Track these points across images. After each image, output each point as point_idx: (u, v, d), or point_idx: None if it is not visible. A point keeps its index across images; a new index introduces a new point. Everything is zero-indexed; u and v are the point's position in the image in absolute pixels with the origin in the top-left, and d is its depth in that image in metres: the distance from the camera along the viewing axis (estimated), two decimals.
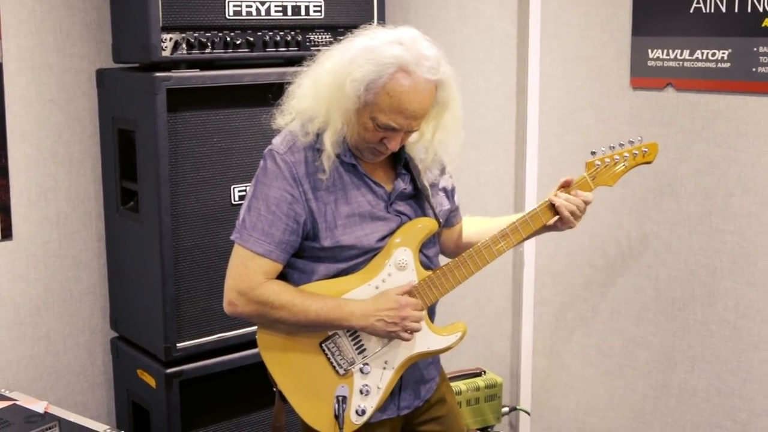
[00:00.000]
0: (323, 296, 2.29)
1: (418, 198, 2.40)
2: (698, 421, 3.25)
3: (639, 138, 2.53)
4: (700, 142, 3.13)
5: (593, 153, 2.49)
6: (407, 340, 2.31)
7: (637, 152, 2.51)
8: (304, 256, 2.34)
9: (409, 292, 2.32)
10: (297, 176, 2.26)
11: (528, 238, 2.48)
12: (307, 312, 2.27)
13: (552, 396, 3.74)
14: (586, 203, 2.46)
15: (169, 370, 3.18)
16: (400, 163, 2.38)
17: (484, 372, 3.64)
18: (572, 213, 2.43)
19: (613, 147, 2.50)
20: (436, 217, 2.39)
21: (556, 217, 2.45)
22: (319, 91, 2.25)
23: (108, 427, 3.01)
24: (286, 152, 2.28)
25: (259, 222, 2.27)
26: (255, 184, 2.31)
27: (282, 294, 2.27)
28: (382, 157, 2.32)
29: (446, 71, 2.23)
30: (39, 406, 3.04)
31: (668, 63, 3.18)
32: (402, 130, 2.22)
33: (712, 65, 3.07)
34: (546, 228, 2.49)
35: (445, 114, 2.29)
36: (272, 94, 2.42)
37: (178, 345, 3.19)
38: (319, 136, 2.27)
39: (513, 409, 3.78)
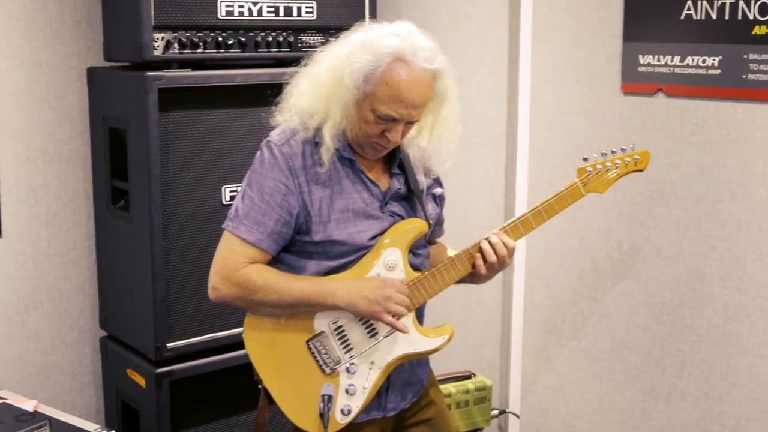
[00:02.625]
0: (304, 276, 2.29)
1: (410, 200, 2.41)
2: (687, 426, 3.26)
3: (631, 146, 2.54)
4: (690, 148, 3.14)
5: (585, 159, 2.49)
6: (390, 324, 2.28)
7: (629, 160, 2.52)
8: (294, 251, 2.33)
9: (392, 283, 2.30)
10: (293, 168, 2.27)
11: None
12: (290, 289, 2.26)
13: (541, 399, 3.75)
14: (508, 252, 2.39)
15: (159, 370, 3.18)
16: (395, 162, 2.38)
17: (474, 375, 3.65)
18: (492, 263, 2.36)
19: (605, 154, 2.50)
20: (426, 218, 2.40)
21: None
22: (318, 87, 2.26)
23: (98, 426, 3.00)
24: (283, 144, 2.29)
25: (252, 211, 2.27)
26: (250, 174, 2.31)
27: (265, 273, 2.27)
28: (384, 152, 2.32)
29: (443, 62, 2.25)
30: (28, 405, 3.04)
31: (659, 69, 3.19)
32: (402, 120, 2.23)
33: (703, 72, 3.08)
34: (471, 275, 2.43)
35: (444, 107, 2.31)
36: (271, 92, 2.41)
37: (168, 345, 3.18)
38: (318, 131, 2.28)
39: (502, 412, 3.79)
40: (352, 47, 2.23)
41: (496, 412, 3.72)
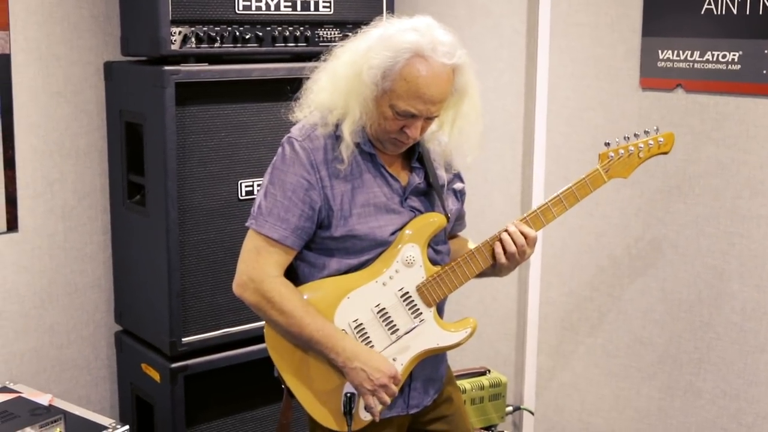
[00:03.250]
0: (324, 320, 2.28)
1: (429, 194, 2.40)
2: (703, 424, 3.24)
3: (655, 128, 2.49)
4: (710, 144, 3.12)
5: (607, 144, 2.44)
6: (370, 406, 2.28)
7: (653, 143, 2.46)
8: (315, 248, 2.33)
9: (395, 377, 2.30)
10: (314, 163, 2.26)
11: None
12: (301, 328, 2.26)
13: (556, 396, 3.73)
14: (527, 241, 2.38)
15: (174, 365, 3.18)
16: (414, 157, 2.37)
17: (489, 371, 3.64)
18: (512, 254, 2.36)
19: (628, 138, 2.45)
20: (446, 213, 2.38)
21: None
22: (337, 83, 2.25)
23: (113, 421, 3.01)
24: (304, 139, 2.28)
25: (275, 208, 2.26)
26: (272, 170, 2.31)
27: (287, 300, 2.27)
28: (404, 147, 2.31)
29: (463, 57, 2.23)
30: (43, 399, 3.04)
31: (678, 64, 3.17)
32: (421, 116, 2.22)
33: (723, 67, 3.05)
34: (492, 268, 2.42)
35: (465, 102, 2.29)
36: (290, 87, 2.40)
37: (183, 340, 3.18)
38: (338, 126, 2.27)
39: (517, 408, 3.78)
40: (370, 42, 2.22)
41: (510, 408, 3.70)
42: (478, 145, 2.37)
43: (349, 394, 2.26)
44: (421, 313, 2.34)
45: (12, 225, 3.35)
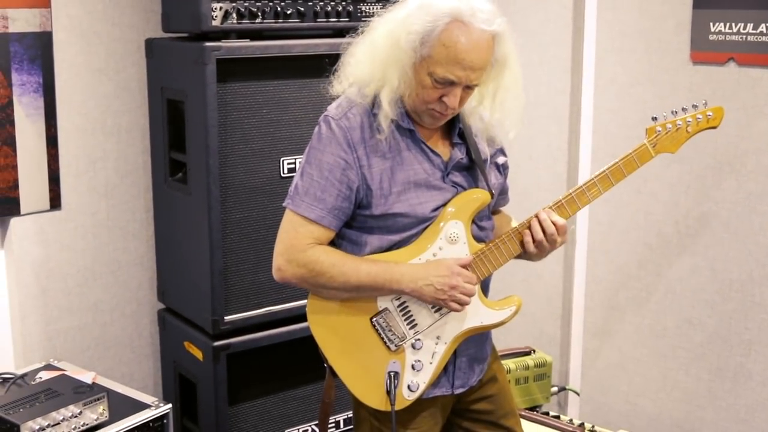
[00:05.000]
0: (373, 259, 2.26)
1: (472, 170, 2.35)
2: (754, 406, 3.17)
3: (704, 102, 2.42)
4: (762, 119, 3.04)
5: (654, 118, 2.39)
6: (456, 310, 2.26)
7: (701, 117, 2.40)
8: (355, 226, 2.30)
9: (466, 266, 2.27)
10: (351, 142, 2.23)
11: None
12: (357, 271, 2.23)
13: (602, 377, 3.68)
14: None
15: (216, 343, 3.17)
16: (455, 131, 2.33)
17: (534, 351, 3.60)
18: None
19: (676, 112, 2.39)
20: (489, 189, 2.34)
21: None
22: (375, 53, 2.22)
23: (156, 399, 3.01)
24: (341, 118, 2.25)
25: (312, 187, 2.24)
26: (309, 150, 2.28)
27: (331, 255, 2.25)
28: (443, 120, 2.27)
29: (502, 25, 2.19)
30: (87, 377, 3.05)
31: (730, 37, 3.08)
32: (461, 83, 2.17)
33: None
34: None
35: (505, 73, 2.24)
36: (329, 60, 2.36)
37: (225, 318, 3.17)
38: (375, 98, 2.24)
39: (562, 389, 3.73)
40: (409, 10, 2.19)
41: (555, 389, 3.66)
42: (520, 120, 2.31)
43: (392, 373, 2.23)
44: None
45: (55, 203, 3.35)
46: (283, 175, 3.20)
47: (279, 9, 3.13)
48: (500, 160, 2.45)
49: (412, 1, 2.22)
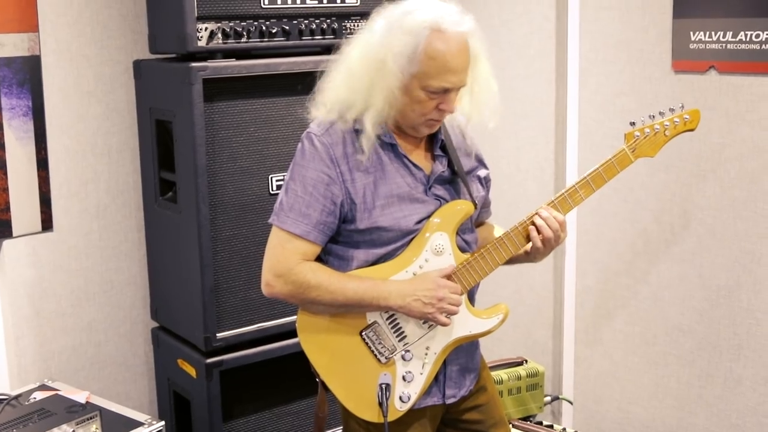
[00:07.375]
0: (360, 276, 2.28)
1: (454, 182, 2.38)
2: (744, 411, 3.19)
3: (680, 105, 2.44)
4: (744, 126, 3.07)
5: (632, 124, 2.41)
6: (443, 324, 2.29)
7: (678, 120, 2.42)
8: (341, 241, 2.32)
9: (449, 276, 2.29)
10: (334, 157, 2.25)
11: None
12: (344, 290, 2.25)
13: (595, 385, 3.70)
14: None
15: (209, 360, 3.19)
16: (437, 144, 2.35)
17: (526, 361, 3.61)
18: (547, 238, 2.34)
19: (653, 116, 2.42)
20: (472, 200, 2.36)
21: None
22: (354, 80, 2.23)
23: (149, 416, 3.02)
24: (323, 134, 2.27)
25: (297, 203, 2.26)
26: (292, 166, 2.31)
27: (319, 272, 2.27)
28: (438, 126, 2.31)
29: (470, 22, 2.23)
30: (80, 396, 3.07)
31: (711, 45, 3.11)
32: (455, 88, 2.21)
33: (756, 47, 3.00)
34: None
35: (479, 66, 2.27)
36: (303, 85, 2.39)
37: (217, 335, 3.19)
38: (357, 121, 2.26)
39: (555, 398, 3.75)
40: (381, 32, 2.20)
41: (549, 398, 3.67)
42: (497, 109, 2.33)
43: (384, 385, 2.26)
44: None
45: (47, 225, 3.38)
46: (271, 192, 3.22)
47: (264, 28, 3.16)
48: (482, 173, 2.47)
49: (378, 22, 2.24)
